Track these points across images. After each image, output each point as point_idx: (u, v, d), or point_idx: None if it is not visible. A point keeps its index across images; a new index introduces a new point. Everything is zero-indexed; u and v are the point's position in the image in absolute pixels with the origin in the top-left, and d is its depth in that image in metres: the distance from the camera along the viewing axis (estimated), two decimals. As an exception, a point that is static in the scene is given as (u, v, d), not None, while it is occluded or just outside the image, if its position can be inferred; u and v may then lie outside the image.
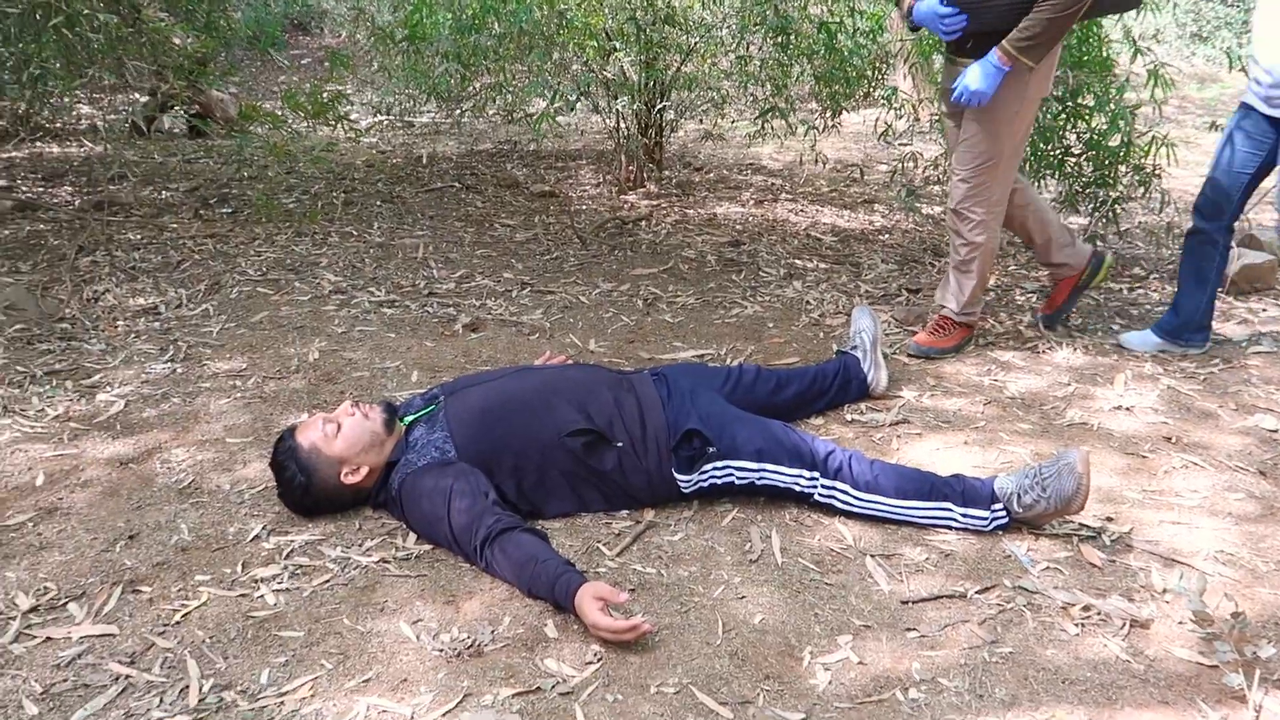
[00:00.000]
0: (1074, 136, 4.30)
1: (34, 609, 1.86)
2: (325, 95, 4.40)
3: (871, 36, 4.57)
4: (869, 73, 5.00)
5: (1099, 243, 4.52)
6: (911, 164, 5.58)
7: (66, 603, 1.88)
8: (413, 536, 2.11)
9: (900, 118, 4.90)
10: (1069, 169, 4.35)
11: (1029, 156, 4.33)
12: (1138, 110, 4.25)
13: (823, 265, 4.23)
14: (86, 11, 3.26)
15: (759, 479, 2.20)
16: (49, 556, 2.03)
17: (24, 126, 6.76)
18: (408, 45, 4.33)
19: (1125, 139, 4.15)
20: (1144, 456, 2.55)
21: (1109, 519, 2.24)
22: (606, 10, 4.39)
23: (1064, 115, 4.17)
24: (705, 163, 6.34)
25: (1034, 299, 3.83)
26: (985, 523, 2.16)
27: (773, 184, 5.82)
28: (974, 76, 2.84)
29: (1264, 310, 3.71)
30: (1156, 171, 4.22)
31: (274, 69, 9.23)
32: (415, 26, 4.20)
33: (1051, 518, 2.13)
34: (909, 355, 3.20)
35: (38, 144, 6.48)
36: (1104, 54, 4.01)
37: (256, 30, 5.43)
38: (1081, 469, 2.05)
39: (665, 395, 2.32)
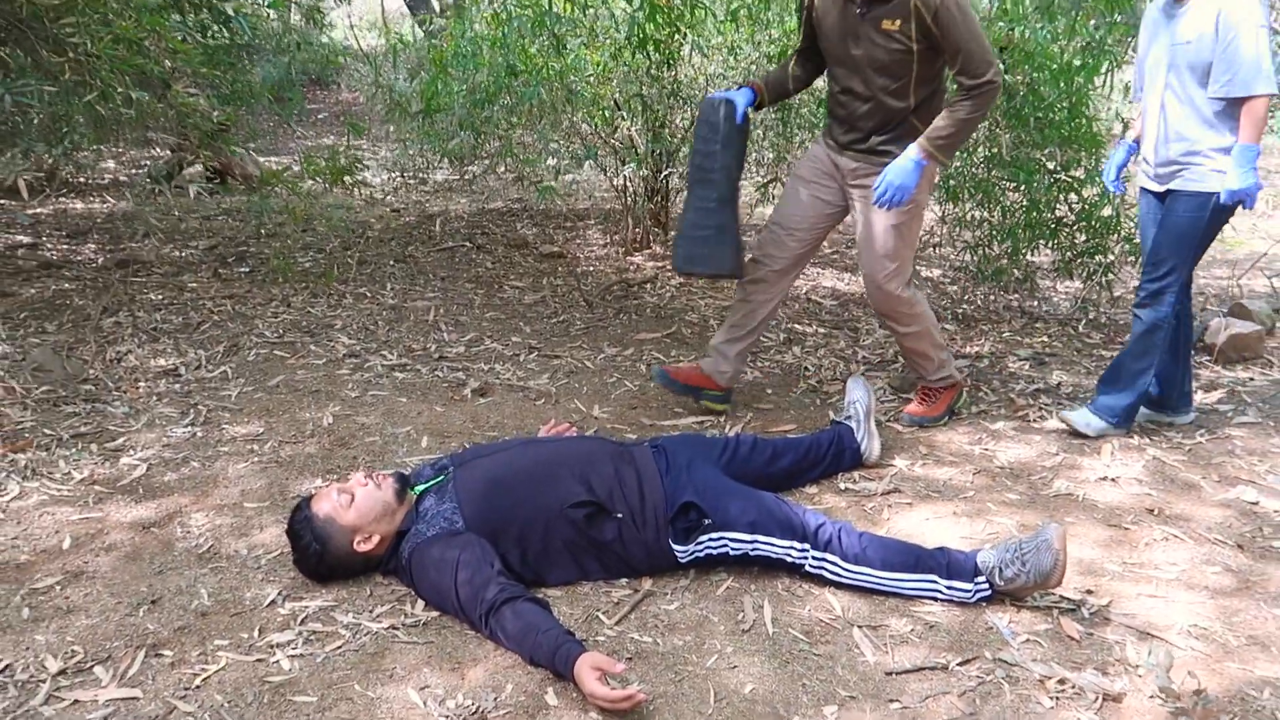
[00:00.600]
0: (1066, 208, 4.45)
1: (62, 671, 1.96)
2: (343, 160, 4.57)
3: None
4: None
5: (1091, 310, 4.65)
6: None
7: (93, 666, 1.99)
8: (421, 603, 2.21)
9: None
10: (1062, 239, 4.49)
11: (1023, 225, 4.47)
12: (1128, 180, 4.39)
13: (821, 330, 4.35)
14: (120, 89, 3.42)
15: (752, 550, 2.30)
16: (76, 620, 2.14)
17: (50, 183, 6.98)
18: (423, 117, 4.51)
19: (1116, 209, 4.29)
20: (1126, 528, 2.64)
21: (1089, 592, 2.33)
22: (615, 83, 4.56)
23: (1056, 187, 4.32)
24: (710, 223, 6.48)
25: (1027, 366, 3.93)
26: (969, 595, 2.25)
27: (776, 245, 5.96)
28: (897, 172, 2.91)
29: (1251, 380, 3.81)
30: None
31: (292, 123, 9.48)
32: (431, 99, 4.38)
33: (1032, 591, 2.23)
34: (903, 426, 3.30)
35: (62, 199, 6.69)
36: (1093, 131, 4.15)
37: (276, 93, 5.65)
38: (1058, 545, 2.15)
39: (664, 467, 2.43)
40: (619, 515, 2.30)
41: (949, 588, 2.25)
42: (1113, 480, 2.93)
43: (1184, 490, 2.88)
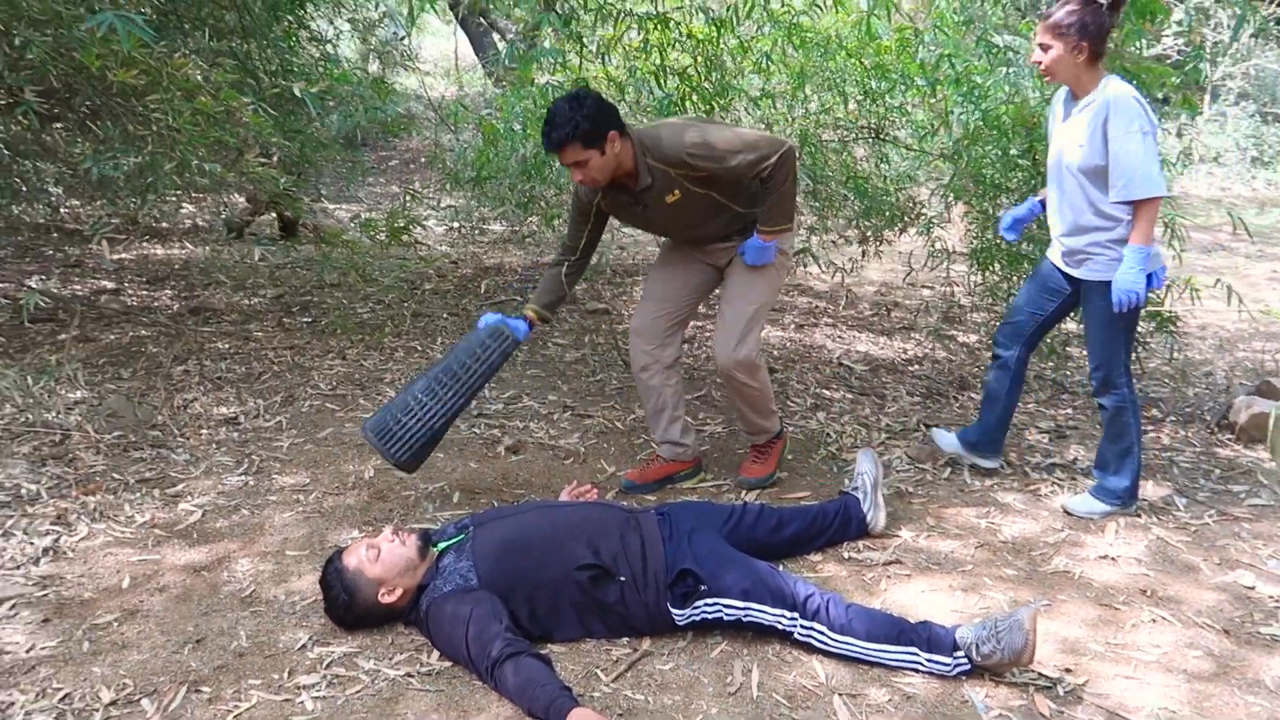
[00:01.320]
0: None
1: (114, 703, 2.20)
2: (401, 221, 4.86)
3: (901, 181, 4.88)
4: (905, 211, 5.31)
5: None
6: (948, 290, 5.83)
7: (140, 699, 2.22)
8: (436, 653, 2.42)
9: (937, 249, 5.16)
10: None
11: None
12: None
13: (849, 396, 4.49)
14: (196, 161, 3.75)
15: (745, 616, 2.46)
16: (129, 655, 2.38)
17: (134, 229, 7.46)
18: (475, 187, 4.80)
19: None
20: (1116, 608, 2.74)
21: (1068, 670, 2.43)
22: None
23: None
24: (754, 282, 6.67)
25: (1046, 439, 4.03)
26: (948, 668, 2.38)
27: (816, 306, 6.13)
28: (753, 257, 3.18)
29: (1270, 460, 3.85)
30: (1173, 316, 4.39)
31: (359, 171, 9.91)
32: (483, 167, 4.66)
33: (1007, 667, 2.35)
34: (745, 490, 3.43)
35: (144, 244, 7.14)
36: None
37: (344, 146, 5.98)
38: (1029, 626, 2.28)
39: (667, 534, 2.61)
40: (622, 579, 2.49)
41: (929, 660, 2.38)
42: (1112, 559, 3.02)
43: (1182, 572, 2.96)
